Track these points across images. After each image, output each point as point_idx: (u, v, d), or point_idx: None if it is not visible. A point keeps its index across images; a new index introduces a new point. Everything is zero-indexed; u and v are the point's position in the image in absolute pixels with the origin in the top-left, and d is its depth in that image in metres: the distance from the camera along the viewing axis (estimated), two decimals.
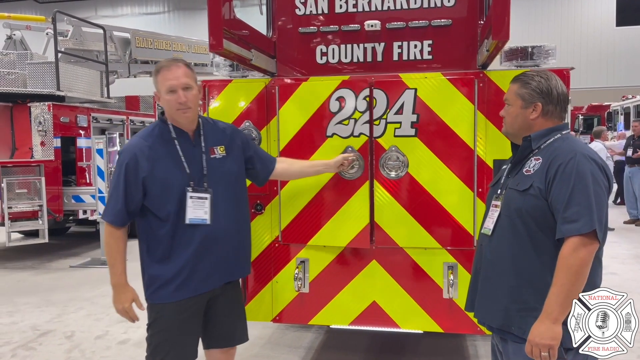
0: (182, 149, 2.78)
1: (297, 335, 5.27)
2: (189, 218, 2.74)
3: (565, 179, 2.18)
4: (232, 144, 2.97)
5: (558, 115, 2.40)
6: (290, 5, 3.70)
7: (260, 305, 3.78)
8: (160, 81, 2.74)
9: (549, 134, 2.37)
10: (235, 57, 3.10)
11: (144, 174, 2.70)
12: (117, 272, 2.80)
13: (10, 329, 5.69)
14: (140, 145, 2.76)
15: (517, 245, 2.32)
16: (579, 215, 2.13)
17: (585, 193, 2.15)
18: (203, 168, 2.80)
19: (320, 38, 3.70)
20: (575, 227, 2.13)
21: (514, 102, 2.42)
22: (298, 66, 3.74)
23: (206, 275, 2.84)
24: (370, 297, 3.65)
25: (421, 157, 3.51)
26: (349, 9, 3.63)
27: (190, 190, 2.74)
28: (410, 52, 3.58)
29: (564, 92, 2.40)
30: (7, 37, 9.65)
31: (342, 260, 3.68)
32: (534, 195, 2.26)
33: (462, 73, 3.45)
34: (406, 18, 3.57)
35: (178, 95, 2.70)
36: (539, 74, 2.41)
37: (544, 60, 3.41)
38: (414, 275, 3.59)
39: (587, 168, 2.18)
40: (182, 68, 2.73)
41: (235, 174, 2.97)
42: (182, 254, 2.77)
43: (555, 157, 2.26)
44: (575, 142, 2.34)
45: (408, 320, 3.63)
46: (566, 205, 2.15)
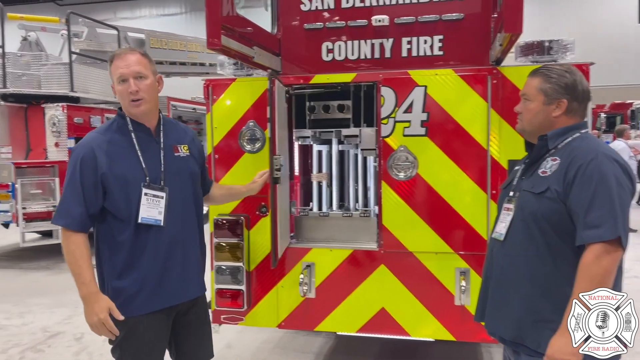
0: (139, 144, 2.51)
1: (307, 340, 5.16)
2: (141, 217, 2.45)
3: (586, 181, 2.03)
4: (193, 147, 2.74)
5: (581, 113, 2.23)
6: (296, 1, 3.58)
7: (265, 311, 3.67)
8: (112, 70, 2.48)
9: (566, 132, 2.21)
10: (236, 54, 2.99)
11: (102, 170, 2.42)
12: (86, 280, 2.41)
13: (20, 330, 5.67)
14: (97, 139, 2.48)
15: (532, 251, 2.17)
16: (602, 221, 1.97)
17: (609, 196, 1.99)
18: (160, 165, 2.54)
19: (326, 34, 3.57)
20: (597, 234, 1.97)
21: (535, 98, 2.23)
22: (303, 63, 3.62)
23: (175, 285, 2.57)
24: (379, 304, 3.52)
25: (432, 157, 3.37)
26: (356, 4, 3.50)
27: (144, 186, 2.46)
28: (420, 47, 3.43)
29: (587, 89, 2.25)
30: (22, 39, 9.70)
31: (350, 264, 3.55)
32: (550, 198, 2.11)
33: (474, 69, 3.30)
34: (416, 12, 3.43)
35: (129, 84, 2.43)
36: (562, 67, 2.24)
37: (562, 55, 3.24)
38: (424, 281, 3.44)
39: (610, 169, 2.03)
40: (136, 55, 2.47)
41: (197, 176, 2.74)
42: (147, 261, 2.48)
43: (575, 157, 2.09)
44: (595, 142, 2.18)
45: (418, 328, 3.48)
46: (588, 210, 2.00)
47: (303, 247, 3.62)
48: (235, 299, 3.64)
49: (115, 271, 2.49)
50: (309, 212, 3.75)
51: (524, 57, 3.28)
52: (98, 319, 2.41)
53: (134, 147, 2.49)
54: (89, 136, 2.53)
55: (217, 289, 3.65)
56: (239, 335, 5.30)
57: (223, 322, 3.73)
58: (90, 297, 2.42)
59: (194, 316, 2.74)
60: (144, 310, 2.50)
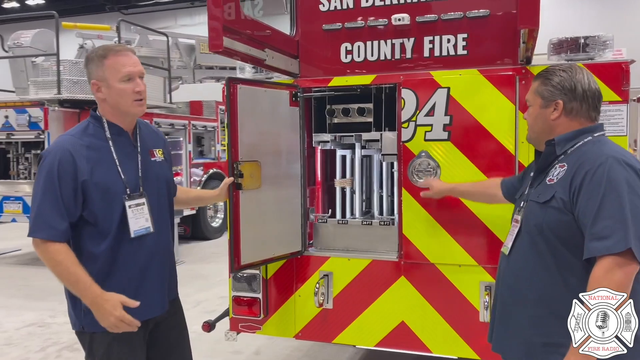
0: (117, 150, 2.36)
1: (337, 350, 5.01)
2: (133, 231, 2.33)
3: (594, 188, 1.86)
4: (166, 151, 2.64)
5: (585, 114, 2.06)
6: (314, 1, 3.46)
7: (282, 320, 3.57)
8: (110, 66, 2.30)
9: (577, 136, 2.05)
10: (245, 57, 2.91)
11: (83, 177, 2.25)
12: (86, 285, 2.23)
13: (61, 328, 5.83)
14: (75, 143, 2.29)
15: (539, 267, 2.01)
16: (611, 231, 1.80)
17: (619, 204, 1.81)
18: (138, 170, 2.42)
19: (345, 35, 3.44)
20: (605, 245, 1.80)
21: (534, 102, 2.15)
22: (322, 66, 3.50)
23: (154, 297, 2.45)
24: (399, 317, 3.34)
25: (455, 163, 3.18)
26: (375, 3, 3.34)
27: (126, 198, 2.33)
28: (443, 47, 3.24)
29: (592, 88, 2.06)
30: (79, 47, 10.09)
31: (368, 275, 3.40)
32: (556, 208, 1.95)
33: (501, 69, 3.08)
34: (438, 10, 3.24)
35: (136, 83, 2.33)
36: (562, 68, 2.12)
37: (599, 53, 2.97)
38: (446, 295, 3.24)
39: (621, 174, 1.85)
40: (134, 55, 2.38)
41: (171, 182, 2.63)
42: (124, 272, 2.35)
43: (583, 162, 1.94)
44: (608, 145, 2.01)
45: (440, 344, 3.28)
46: (595, 219, 1.83)
47: (321, 256, 3.50)
48: (251, 307, 3.56)
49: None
50: (328, 220, 3.62)
51: (556, 56, 3.03)
52: (115, 318, 2.25)
53: (112, 154, 2.36)
54: (63, 139, 2.35)
55: (234, 297, 3.59)
56: (268, 342, 5.23)
57: (241, 330, 3.67)
58: (98, 299, 2.25)
59: (169, 325, 2.62)
60: None
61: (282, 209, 3.34)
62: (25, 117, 8.07)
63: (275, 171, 3.25)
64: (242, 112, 2.92)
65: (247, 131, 2.96)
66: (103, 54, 2.34)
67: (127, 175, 2.38)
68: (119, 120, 2.40)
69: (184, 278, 7.86)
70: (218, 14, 2.55)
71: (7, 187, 8.69)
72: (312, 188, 3.79)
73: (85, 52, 10.33)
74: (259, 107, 3.08)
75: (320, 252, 3.54)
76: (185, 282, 7.64)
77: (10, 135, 8.29)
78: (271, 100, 3.20)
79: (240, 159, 2.90)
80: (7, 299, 6.92)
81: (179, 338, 2.69)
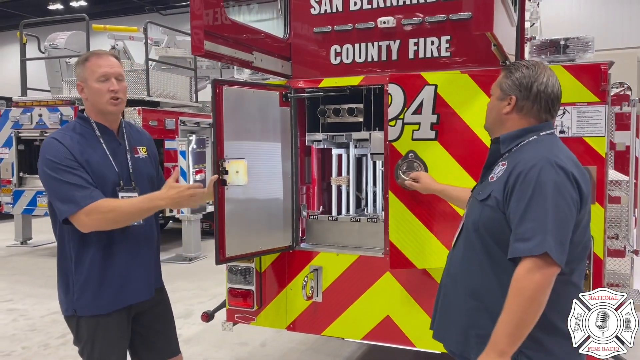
0: (107, 147, 2.57)
1: (341, 344, 5.12)
2: None
3: (523, 189, 1.88)
4: (150, 149, 2.82)
5: (535, 114, 2.06)
6: (306, 5, 3.59)
7: (275, 312, 3.71)
8: (89, 67, 2.49)
9: (522, 135, 2.06)
10: (230, 60, 3.06)
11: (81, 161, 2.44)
12: (153, 197, 2.49)
13: None
14: (65, 137, 2.49)
15: (473, 262, 2.07)
16: (533, 233, 1.82)
17: (544, 207, 1.83)
18: (129, 166, 2.62)
19: (334, 37, 3.55)
20: (526, 247, 1.82)
21: (494, 92, 2.17)
22: (313, 67, 3.61)
23: (138, 283, 2.63)
24: (384, 311, 3.43)
25: (441, 164, 3.21)
26: (363, 6, 3.44)
27: (119, 189, 2.53)
28: (427, 49, 3.30)
29: (548, 90, 2.04)
30: (111, 47, 10.50)
31: (356, 270, 3.50)
32: (491, 206, 1.99)
33: (483, 70, 3.12)
34: (423, 13, 3.30)
35: (111, 83, 2.49)
36: (527, 64, 2.10)
37: (579, 54, 2.99)
38: (430, 291, 3.30)
39: (550, 177, 1.86)
40: (113, 58, 2.56)
41: (154, 177, 2.80)
42: (113, 259, 2.53)
43: (518, 163, 1.96)
44: (549, 146, 2.00)
45: (423, 339, 3.35)
46: (520, 220, 1.86)
47: (311, 251, 3.63)
48: (245, 299, 3.72)
49: (83, 269, 2.51)
50: (319, 216, 3.74)
51: (538, 57, 3.06)
52: (187, 195, 2.50)
53: (104, 149, 2.56)
54: (54, 135, 2.52)
55: (229, 288, 3.75)
56: (275, 334, 5.38)
57: (236, 321, 3.83)
58: (166, 196, 2.48)
59: (155, 313, 2.79)
60: (110, 308, 2.54)
61: (271, 206, 3.48)
62: (57, 116, 8.48)
63: (264, 169, 3.38)
64: (228, 112, 3.08)
65: (232, 130, 3.11)
66: (86, 57, 2.55)
67: (119, 168, 2.57)
68: (101, 119, 2.59)
69: (204, 272, 8.16)
70: (200, 18, 2.70)
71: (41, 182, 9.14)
72: (307, 185, 3.91)
73: (117, 53, 10.75)
74: (246, 108, 3.22)
75: (311, 247, 3.67)
76: (205, 275, 7.89)
77: (43, 133, 8.73)
78: (260, 101, 3.34)
79: (225, 156, 3.05)
80: (37, 288, 7.30)
81: (164, 326, 2.86)
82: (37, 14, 21.59)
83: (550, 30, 10.54)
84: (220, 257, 3.13)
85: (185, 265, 8.72)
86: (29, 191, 9.07)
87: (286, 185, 3.58)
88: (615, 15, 17.85)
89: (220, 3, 2.86)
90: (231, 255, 3.19)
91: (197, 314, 5.64)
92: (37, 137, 8.97)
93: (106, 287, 2.53)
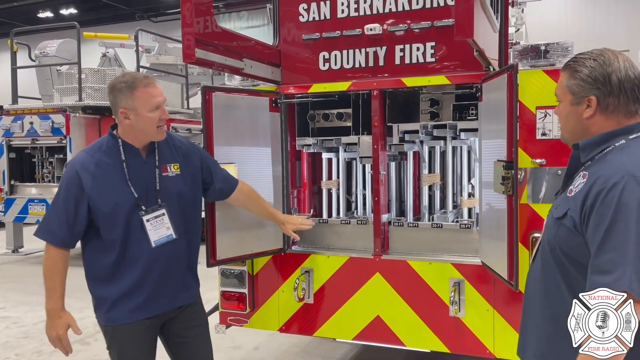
0: (129, 168, 2.60)
1: (333, 347, 5.19)
2: (153, 241, 2.59)
3: (602, 212, 1.60)
4: (188, 162, 2.79)
5: (624, 109, 1.74)
6: (294, 13, 3.67)
7: (268, 314, 3.77)
8: (140, 97, 2.53)
9: (607, 140, 1.75)
10: (220, 67, 3.13)
11: (88, 190, 2.52)
12: (55, 296, 2.56)
13: None
14: (85, 160, 2.58)
15: (550, 284, 1.83)
16: (613, 266, 1.57)
17: (625, 235, 1.56)
18: (156, 184, 2.63)
19: (322, 44, 3.63)
20: (605, 282, 1.58)
21: (564, 97, 1.84)
22: (302, 73, 3.69)
23: (159, 298, 2.67)
24: (375, 312, 3.50)
25: None
26: (351, 14, 3.52)
27: (143, 213, 2.58)
28: (413, 55, 3.39)
29: (631, 76, 1.72)
30: (102, 55, 10.54)
31: (346, 271, 3.57)
32: (567, 227, 1.72)
33: (466, 75, 3.22)
34: (408, 20, 3.39)
35: (162, 111, 2.58)
36: (593, 56, 1.78)
37: (559, 59, 3.08)
38: (418, 291, 3.39)
39: (635, 197, 1.57)
40: (158, 85, 2.64)
41: (187, 195, 2.77)
42: (129, 275, 2.60)
43: (599, 177, 1.66)
44: (635, 156, 1.68)
45: (413, 338, 3.43)
46: (598, 249, 1.60)
47: (302, 253, 3.69)
48: (238, 302, 3.77)
49: (98, 283, 2.63)
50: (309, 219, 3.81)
51: (520, 62, 3.15)
52: (57, 334, 2.57)
53: (123, 170, 2.59)
54: (78, 155, 2.65)
55: (223, 291, 3.80)
56: (269, 338, 5.44)
57: (229, 324, 3.88)
58: (55, 312, 2.58)
59: (184, 321, 2.82)
60: (126, 320, 2.61)
61: None
62: (49, 124, 8.51)
63: (255, 173, 3.45)
64: (218, 118, 3.15)
65: (223, 135, 3.18)
66: (132, 85, 2.54)
67: (137, 189, 2.60)
68: (136, 141, 2.63)
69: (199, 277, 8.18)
70: (191, 26, 2.76)
71: (32, 190, 9.16)
72: (298, 189, 3.98)
73: (107, 60, 10.80)
74: (236, 113, 3.30)
75: (302, 250, 3.73)
76: None
77: (34, 141, 8.75)
78: (250, 107, 3.41)
79: None
80: (29, 296, 7.30)
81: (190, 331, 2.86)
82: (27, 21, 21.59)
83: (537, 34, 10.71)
84: (211, 260, 3.19)
85: None
86: (20, 199, 9.08)
87: (277, 189, 3.65)
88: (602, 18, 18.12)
89: (211, 12, 2.94)
90: (222, 258, 3.25)
91: None
92: (28, 145, 8.99)
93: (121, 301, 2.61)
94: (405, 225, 3.57)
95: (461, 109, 3.53)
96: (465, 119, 3.49)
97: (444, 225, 3.47)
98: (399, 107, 3.67)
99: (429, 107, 3.63)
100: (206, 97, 3.11)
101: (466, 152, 3.82)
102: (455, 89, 3.44)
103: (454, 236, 3.41)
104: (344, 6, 3.52)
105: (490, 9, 2.91)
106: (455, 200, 3.96)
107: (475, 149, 3.46)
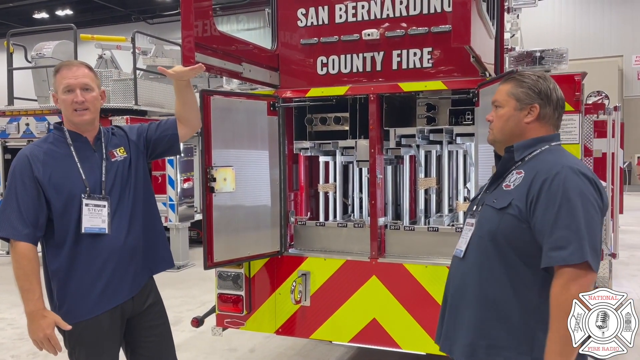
0: (78, 155, 2.54)
1: (329, 349, 5.21)
2: (84, 227, 2.48)
3: (550, 197, 1.87)
4: (129, 142, 2.71)
5: (554, 122, 2.08)
6: (293, 17, 3.70)
7: (264, 316, 3.79)
8: (57, 79, 2.51)
9: (535, 144, 2.05)
10: (220, 71, 3.16)
11: (40, 178, 2.45)
12: (34, 297, 2.40)
13: None
14: (33, 150, 2.52)
15: (487, 271, 2.02)
16: (567, 241, 1.81)
17: (574, 214, 1.83)
18: (102, 175, 2.57)
19: (320, 49, 3.66)
20: (562, 256, 1.81)
21: (506, 103, 2.08)
22: (300, 77, 3.72)
23: (117, 287, 2.57)
24: (371, 314, 3.53)
25: None
26: (348, 19, 3.56)
27: (85, 197, 2.50)
28: (410, 60, 3.43)
29: (562, 97, 2.09)
30: (98, 57, 10.53)
31: (343, 274, 3.60)
32: (512, 215, 1.95)
33: (463, 81, 3.26)
34: (405, 25, 3.43)
35: (75, 95, 2.48)
36: (535, 73, 2.12)
37: (555, 66, 3.13)
38: (414, 294, 3.42)
39: (576, 184, 1.87)
40: (82, 69, 2.55)
41: (138, 176, 2.71)
42: (87, 268, 2.50)
43: (539, 171, 1.94)
44: (564, 155, 2.02)
45: (409, 341, 3.46)
46: (552, 229, 1.84)
47: (299, 256, 3.72)
48: (235, 304, 3.79)
49: (58, 277, 2.52)
50: (307, 222, 3.84)
51: (515, 68, 3.20)
52: (44, 335, 2.41)
53: (73, 157, 2.53)
54: (25, 148, 2.57)
55: (219, 294, 3.83)
56: (265, 340, 5.45)
57: (226, 326, 3.90)
58: (38, 313, 2.42)
59: (148, 318, 2.75)
60: (88, 315, 2.51)
61: (259, 212, 3.57)
62: (44, 125, 8.49)
63: (252, 176, 3.48)
64: (216, 121, 3.18)
65: (221, 139, 3.21)
66: (57, 68, 2.56)
67: (88, 177, 2.54)
68: (74, 127, 2.57)
69: (193, 280, 8.19)
70: (191, 31, 2.79)
71: None
72: (295, 192, 4.01)
73: (104, 62, 10.79)
74: (234, 117, 3.32)
75: (299, 253, 3.76)
76: (193, 283, 7.93)
77: (30, 142, 8.71)
78: (248, 110, 3.44)
79: (213, 164, 3.14)
80: None
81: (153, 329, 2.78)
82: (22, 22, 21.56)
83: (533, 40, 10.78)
84: (209, 262, 3.22)
85: (173, 273, 8.73)
86: None
87: (274, 192, 3.68)
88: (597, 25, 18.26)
89: (210, 16, 2.97)
90: (219, 261, 3.28)
91: (186, 321, 5.69)
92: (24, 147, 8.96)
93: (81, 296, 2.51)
94: (402, 229, 3.61)
95: (457, 114, 3.58)
96: (461, 124, 3.53)
97: (440, 228, 3.51)
98: (396, 112, 3.71)
99: (425, 112, 3.67)
100: (204, 101, 3.13)
101: (462, 156, 3.86)
102: (452, 94, 3.49)
103: (449, 240, 3.43)
104: (342, 11, 3.56)
105: (486, 15, 2.96)
106: (451, 204, 4.00)
107: (471, 154, 3.50)
